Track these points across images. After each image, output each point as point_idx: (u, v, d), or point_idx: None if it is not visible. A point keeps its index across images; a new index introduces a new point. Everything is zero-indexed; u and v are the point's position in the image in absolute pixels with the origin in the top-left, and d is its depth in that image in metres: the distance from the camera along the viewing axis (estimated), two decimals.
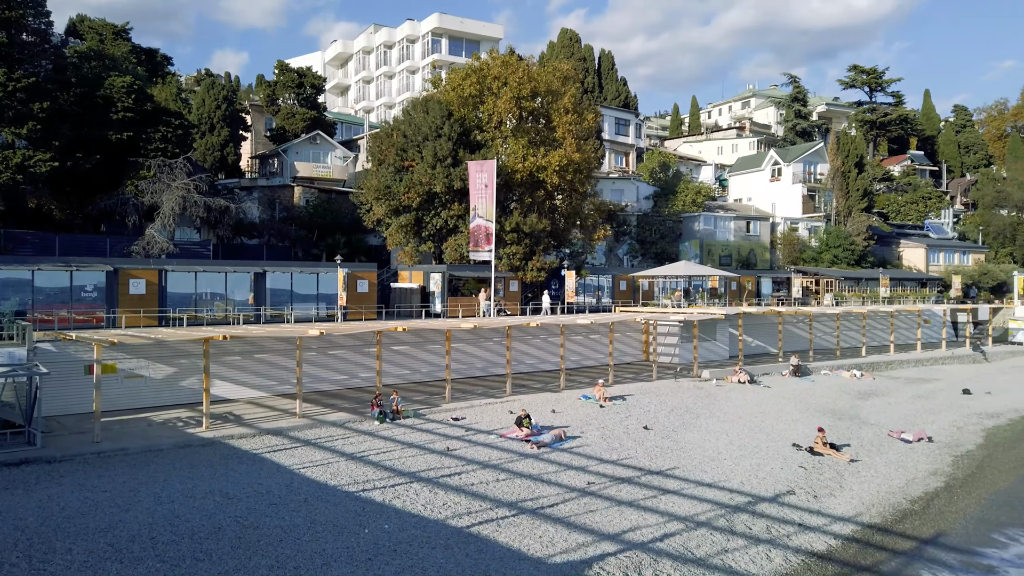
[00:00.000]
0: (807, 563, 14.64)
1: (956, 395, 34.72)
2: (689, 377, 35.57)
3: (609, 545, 14.53)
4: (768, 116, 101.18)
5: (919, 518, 18.09)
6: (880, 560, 15.49)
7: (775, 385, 34.62)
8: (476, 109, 42.77)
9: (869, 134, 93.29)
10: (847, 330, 48.59)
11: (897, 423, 27.74)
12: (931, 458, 23.18)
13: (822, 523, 16.72)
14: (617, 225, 56.09)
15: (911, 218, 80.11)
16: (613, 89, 78.01)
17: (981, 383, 38.19)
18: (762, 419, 27.12)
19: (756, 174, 73.40)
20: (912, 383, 38.03)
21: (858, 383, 36.86)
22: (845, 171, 67.97)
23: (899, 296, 58.98)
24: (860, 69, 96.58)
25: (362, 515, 15.68)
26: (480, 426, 24.31)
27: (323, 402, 27.31)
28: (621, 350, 40.21)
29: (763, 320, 44.27)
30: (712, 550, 14.69)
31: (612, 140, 68.68)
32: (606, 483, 18.53)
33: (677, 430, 24.77)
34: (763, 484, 19.14)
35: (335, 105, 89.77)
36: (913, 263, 70.70)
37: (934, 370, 43.39)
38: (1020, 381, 39.98)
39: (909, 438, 25.25)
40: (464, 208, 40.06)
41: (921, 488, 20.16)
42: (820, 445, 22.67)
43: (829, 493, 18.92)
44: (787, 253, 63.88)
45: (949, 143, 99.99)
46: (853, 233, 65.23)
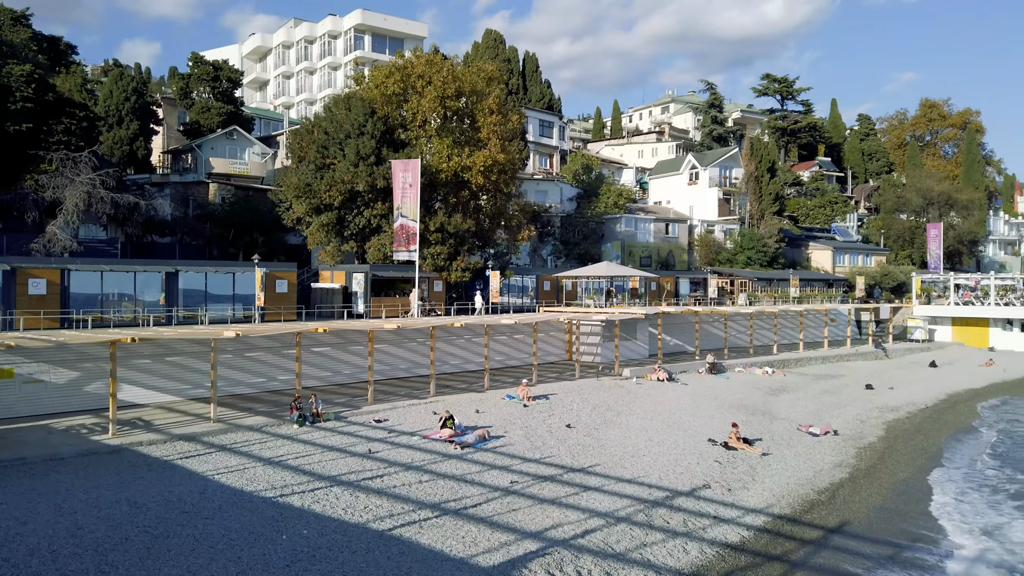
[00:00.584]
0: (721, 554, 15.11)
1: (860, 390, 36.57)
2: (611, 375, 36.21)
3: (531, 543, 14.63)
4: (686, 121, 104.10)
5: (825, 508, 18.94)
6: (789, 549, 16.14)
7: (692, 382, 35.63)
8: (400, 107, 42.36)
9: (781, 140, 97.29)
10: (760, 329, 50.51)
11: (806, 417, 28.99)
12: (837, 450, 24.33)
13: (736, 515, 17.30)
14: (541, 226, 56.62)
15: (819, 221, 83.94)
16: (537, 91, 78.70)
17: (883, 378, 40.37)
18: (680, 416, 27.87)
19: (675, 178, 75.47)
20: (820, 379, 39.84)
21: (770, 380, 38.35)
22: (758, 176, 70.67)
23: (808, 296, 61.75)
24: (772, 78, 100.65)
25: (280, 521, 15.27)
26: (403, 428, 24.07)
27: (239, 406, 26.47)
28: (545, 350, 40.59)
29: (681, 319, 45.52)
30: (631, 544, 14.99)
31: (536, 142, 69.27)
32: (529, 482, 18.65)
33: (599, 428, 25.17)
34: (680, 479, 19.66)
35: (253, 100, 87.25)
36: (821, 264, 74.14)
37: (840, 366, 45.61)
38: (917, 377, 42.47)
39: (817, 432, 26.43)
40: (388, 207, 39.61)
41: (827, 479, 21.11)
42: (734, 440, 23.47)
43: (742, 486, 19.59)
44: (704, 254, 65.93)
45: (854, 150, 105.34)
46: (766, 235, 67.88)
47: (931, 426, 30.59)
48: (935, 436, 29.00)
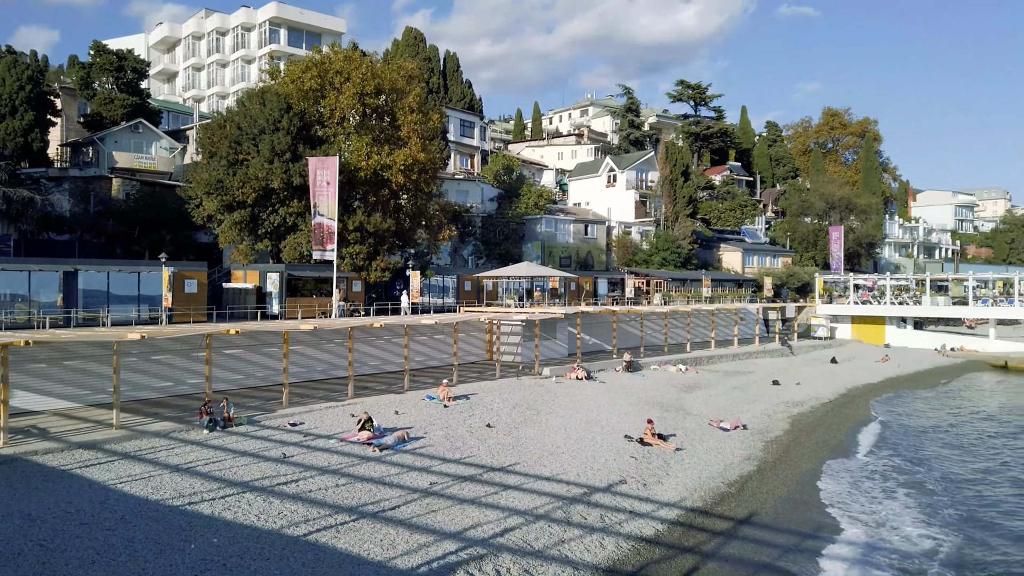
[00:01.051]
0: (637, 548, 15.47)
1: (767, 386, 38.13)
2: (531, 375, 36.51)
3: (451, 544, 14.58)
4: (605, 125, 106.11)
5: (735, 500, 19.65)
6: (702, 541, 16.67)
7: (610, 380, 36.33)
8: (317, 104, 41.48)
9: (694, 145, 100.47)
10: (674, 327, 51.97)
11: (717, 413, 30.01)
12: (745, 444, 25.28)
13: (650, 509, 17.74)
14: (462, 226, 56.55)
15: (730, 224, 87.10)
16: (458, 91, 78.58)
17: (788, 375, 42.23)
18: (598, 413, 28.36)
19: (594, 180, 76.78)
20: (730, 376, 41.33)
21: (683, 377, 39.52)
22: (673, 179, 72.73)
23: (719, 296, 63.97)
24: (686, 84, 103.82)
25: (188, 530, 14.69)
26: (320, 431, 23.57)
27: (145, 411, 25.30)
28: (466, 350, 40.54)
29: (599, 319, 46.35)
30: (550, 541, 15.15)
31: (457, 141, 69.15)
32: (449, 482, 18.58)
33: (519, 427, 25.33)
34: (598, 475, 20.01)
35: (161, 92, 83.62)
36: (731, 265, 76.94)
37: (749, 363, 47.44)
38: (820, 372, 44.63)
39: (727, 426, 27.40)
40: (304, 205, 38.72)
41: (737, 472, 21.92)
42: (649, 436, 24.06)
43: (657, 481, 20.11)
44: (621, 255, 67.34)
45: (762, 156, 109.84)
46: (680, 237, 69.94)
47: (832, 419, 32.20)
48: (836, 429, 30.55)
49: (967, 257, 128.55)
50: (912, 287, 68.16)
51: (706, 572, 15.21)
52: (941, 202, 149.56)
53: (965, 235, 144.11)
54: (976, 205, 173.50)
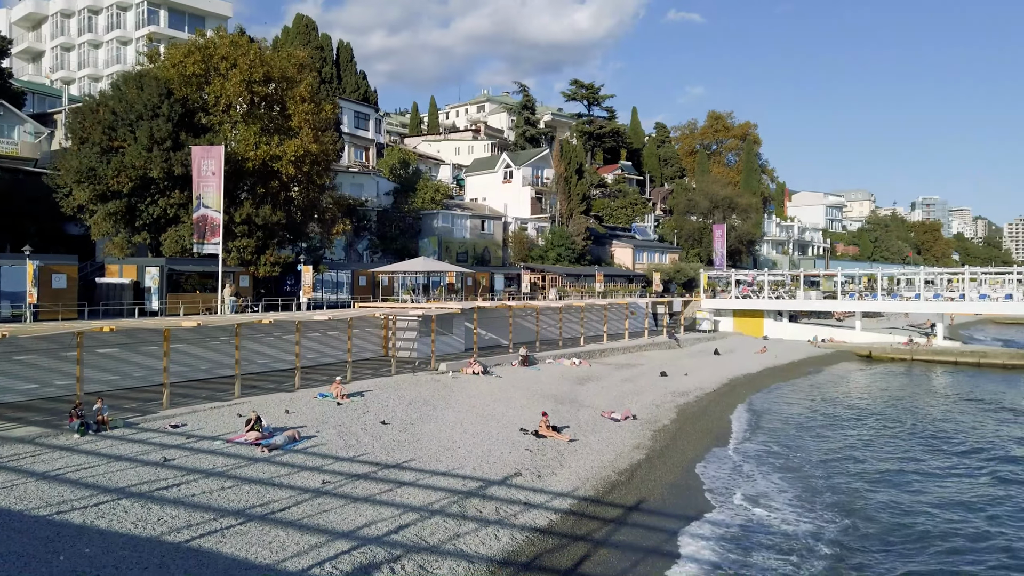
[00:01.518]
0: (531, 539, 15.69)
1: (656, 377, 39.56)
2: (427, 370, 36.30)
3: (344, 543, 14.30)
4: (501, 121, 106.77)
5: (625, 488, 20.29)
6: (593, 528, 17.11)
7: (506, 375, 36.65)
8: (201, 90, 39.49)
9: (588, 144, 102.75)
10: (568, 322, 53.04)
11: (609, 404, 30.87)
12: (635, 434, 26.14)
13: (544, 500, 18.04)
14: (357, 220, 55.42)
15: (622, 221, 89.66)
16: (352, 82, 76.93)
17: (676, 366, 43.97)
18: (494, 407, 28.56)
19: (490, 176, 77.12)
20: (621, 368, 42.61)
21: (577, 370, 40.41)
22: (567, 177, 74.10)
23: (611, 291, 65.77)
24: (580, 84, 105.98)
25: (56, 541, 13.69)
26: (204, 432, 22.53)
27: (6, 416, 23.38)
28: (360, 346, 39.83)
29: (496, 314, 46.65)
30: (445, 536, 15.13)
31: (352, 134, 67.71)
32: (342, 481, 18.21)
33: (415, 423, 25.14)
34: (493, 469, 20.16)
35: (25, 72, 77.25)
36: (623, 261, 79.27)
37: (639, 356, 49.07)
38: (705, 364, 46.72)
39: (618, 417, 28.24)
40: (187, 196, 36.82)
41: (627, 461, 22.63)
42: (544, 428, 24.45)
43: (551, 472, 20.48)
44: (518, 251, 68.01)
45: (652, 156, 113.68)
46: (574, 234, 71.38)
47: (715, 408, 33.81)
48: (719, 417, 32.11)
49: (836, 254, 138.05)
50: (788, 283, 72.48)
51: (597, 559, 15.62)
52: (814, 203, 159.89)
53: (835, 234, 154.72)
54: (845, 206, 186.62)
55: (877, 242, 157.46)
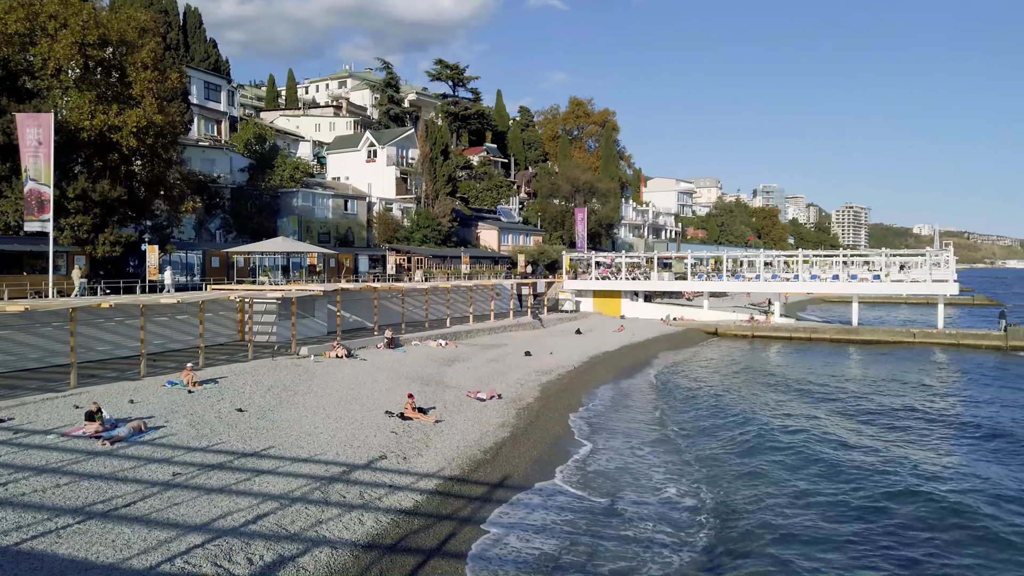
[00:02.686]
0: (396, 521, 15.60)
1: (520, 357, 40.34)
2: (287, 355, 35.03)
3: (196, 536, 13.58)
4: (364, 98, 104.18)
5: (490, 466, 20.60)
6: (459, 507, 17.27)
7: (371, 358, 36.08)
8: (25, 51, 35.69)
9: (453, 125, 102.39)
10: (435, 303, 52.92)
11: (475, 384, 31.16)
12: (500, 413, 26.57)
13: (410, 482, 17.98)
14: (209, 198, 52.32)
15: (487, 203, 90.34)
16: (201, 50, 72.29)
17: (539, 345, 45.02)
18: (358, 390, 28.06)
19: (353, 154, 75.18)
20: (487, 349, 43.11)
21: (443, 351, 40.45)
22: (433, 158, 73.60)
23: (477, 272, 66.23)
24: (444, 64, 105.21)
25: None
26: (35, 426, 20.58)
27: None
28: (214, 331, 37.80)
29: (360, 296, 45.74)
30: (307, 523, 14.73)
31: (201, 105, 63.68)
32: (195, 472, 17.26)
33: (274, 409, 24.23)
34: (358, 453, 19.83)
35: None
36: (489, 243, 80.00)
37: (504, 336, 49.83)
38: (567, 343, 48.15)
39: (484, 396, 28.58)
40: (11, 168, 33.26)
41: (492, 440, 22.97)
42: (410, 410, 24.33)
43: (417, 453, 20.42)
44: (382, 232, 66.92)
45: (516, 139, 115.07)
46: (440, 215, 71.13)
47: (577, 385, 34.98)
48: (580, 394, 33.26)
49: (687, 238, 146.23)
50: (643, 264, 75.98)
51: (463, 536, 15.79)
52: (667, 189, 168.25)
53: (686, 218, 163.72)
54: (695, 192, 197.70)
55: (723, 226, 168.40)
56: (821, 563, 15.45)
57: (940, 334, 54.85)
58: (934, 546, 16.50)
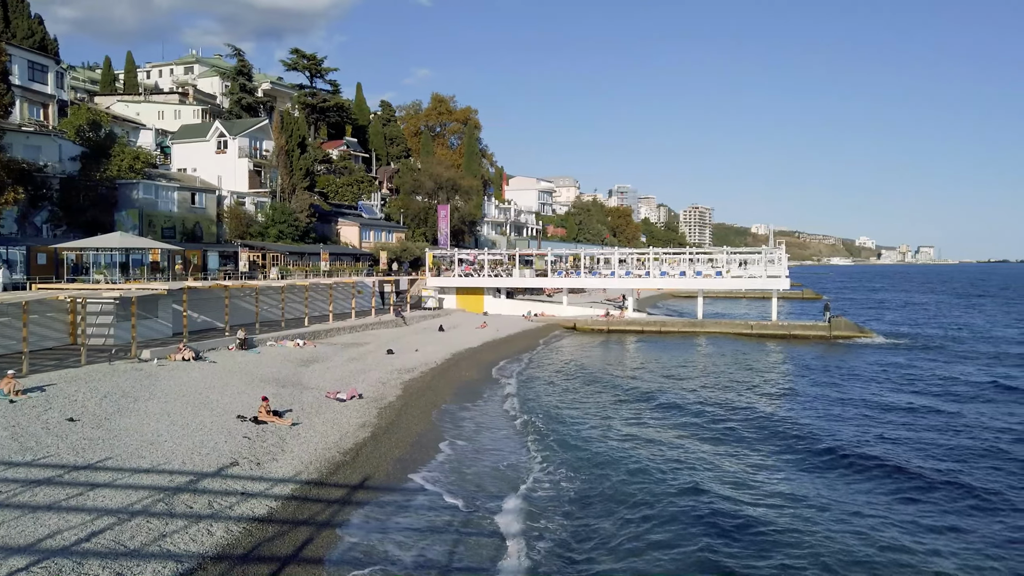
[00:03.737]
0: (249, 529, 14.92)
1: (382, 355, 39.77)
2: (127, 359, 32.55)
3: (20, 559, 12.34)
4: (213, 86, 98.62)
5: (350, 467, 20.18)
6: (317, 511, 16.78)
7: (222, 360, 34.29)
8: None
9: (311, 117, 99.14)
10: (292, 302, 51.06)
11: (334, 385, 30.38)
12: (361, 413, 26.08)
13: (264, 488, 17.25)
14: (34, 188, 47.56)
15: (348, 199, 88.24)
16: (25, 27, 65.60)
17: (402, 343, 44.59)
18: (208, 394, 26.57)
19: (202, 144, 70.93)
20: (348, 348, 42.15)
21: (301, 351, 39.13)
22: (289, 150, 70.87)
23: (338, 269, 64.58)
24: (301, 54, 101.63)
25: None
26: None
27: None
28: (40, 334, 34.44)
29: (210, 295, 43.31)
30: (149, 538, 13.78)
31: (25, 87, 57.80)
32: (17, 489, 15.67)
33: (111, 417, 22.44)
34: (207, 460, 18.78)
35: None
36: (349, 240, 78.17)
37: (365, 335, 48.93)
38: (430, 340, 48.00)
39: (344, 397, 27.93)
40: None
41: (352, 440, 22.50)
42: (264, 414, 23.34)
43: (272, 458, 19.64)
44: (235, 227, 63.65)
45: (377, 134, 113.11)
46: (297, 210, 68.65)
47: (440, 382, 34.96)
48: (443, 391, 33.26)
49: (547, 235, 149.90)
50: (505, 261, 77.09)
51: (321, 541, 15.37)
52: (528, 187, 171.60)
53: (546, 217, 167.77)
54: (554, 191, 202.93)
55: (581, 225, 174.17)
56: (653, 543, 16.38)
57: (774, 326, 59.56)
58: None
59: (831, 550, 15.80)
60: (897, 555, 15.60)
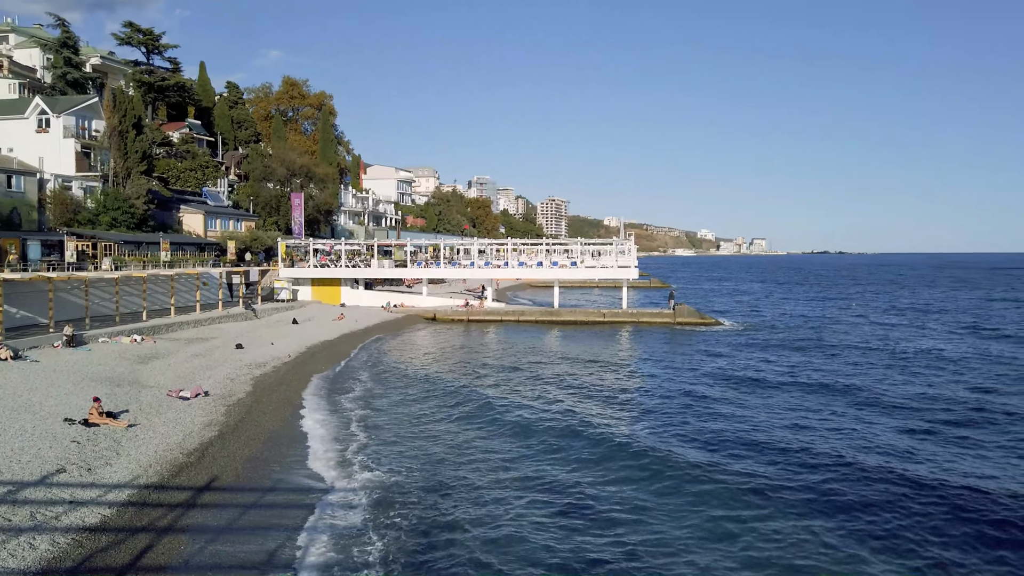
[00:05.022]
0: (79, 540, 13.74)
1: (231, 350, 37.82)
2: None
3: None
4: (33, 58, 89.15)
5: (195, 469, 19.05)
6: (157, 517, 15.72)
7: (46, 359, 31.28)
8: None
9: (148, 96, 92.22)
10: (128, 295, 47.37)
11: (176, 382, 28.56)
12: (207, 411, 24.68)
13: (96, 495, 15.94)
14: None
15: (191, 185, 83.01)
16: None
17: (253, 337, 42.63)
18: (29, 397, 24.16)
19: (19, 122, 64.05)
20: (192, 343, 39.74)
21: (139, 348, 36.48)
22: (123, 131, 65.56)
23: (180, 260, 60.63)
24: (136, 27, 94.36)
25: None
26: None
27: None
28: None
29: (31, 288, 39.33)
30: None
31: None
32: None
33: None
34: (28, 468, 17.08)
35: None
36: (193, 228, 73.60)
37: (212, 329, 46.32)
38: (283, 333, 46.21)
39: (187, 395, 26.31)
40: None
41: (197, 440, 21.25)
42: (96, 415, 21.54)
43: (105, 463, 18.18)
44: (59, 214, 58.09)
45: (224, 117, 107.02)
46: (133, 196, 63.74)
47: (293, 377, 33.76)
48: (296, 386, 32.15)
49: (407, 226, 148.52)
50: (364, 252, 75.50)
51: (162, 547, 14.42)
52: (387, 176, 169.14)
53: (405, 207, 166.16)
54: (414, 181, 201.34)
55: (441, 215, 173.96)
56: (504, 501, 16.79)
57: (624, 313, 62.39)
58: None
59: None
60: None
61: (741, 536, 16.09)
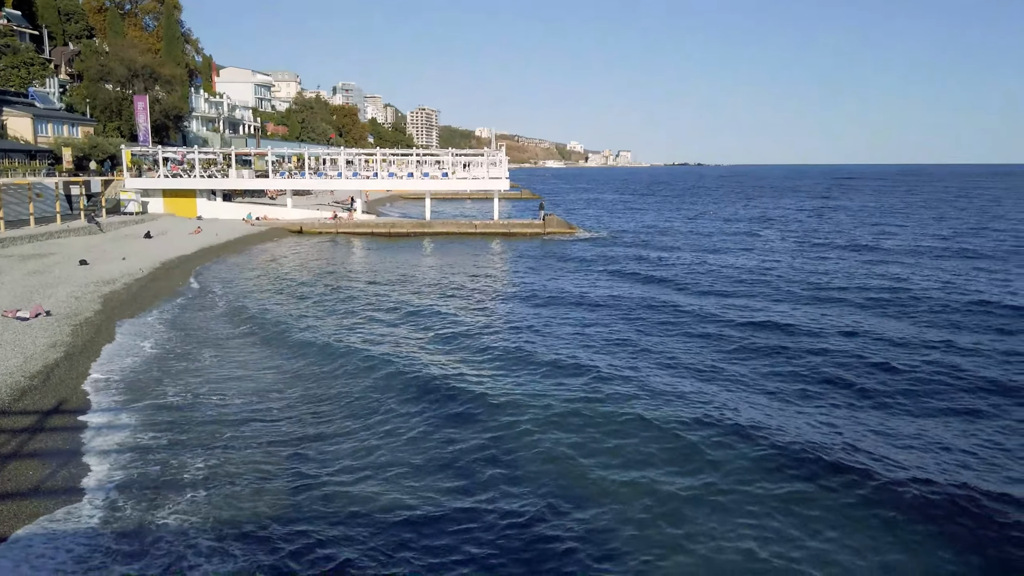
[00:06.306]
0: None
1: (74, 267, 35.02)
2: None
3: None
4: None
5: (40, 392, 17.85)
6: (1, 443, 14.71)
7: None
8: None
9: None
10: None
11: (13, 302, 26.25)
12: (50, 331, 22.95)
13: None
14: None
15: (15, 85, 74.14)
16: None
17: (99, 253, 39.60)
18: None
19: None
20: (27, 259, 36.45)
21: None
22: None
23: (7, 168, 54.67)
24: None
25: None
26: None
27: None
28: None
29: None
30: None
31: None
32: None
33: None
34: None
35: None
36: (20, 133, 66.24)
37: (50, 244, 42.57)
38: (134, 249, 43.17)
39: (26, 315, 24.29)
40: None
41: (40, 363, 19.79)
42: None
43: None
44: None
45: (49, 7, 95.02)
46: None
47: (146, 293, 31.87)
48: (150, 303, 30.44)
49: (267, 134, 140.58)
50: (220, 161, 70.93)
51: (7, 475, 13.57)
52: (243, 80, 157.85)
53: (265, 113, 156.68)
54: (273, 86, 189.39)
55: (304, 123, 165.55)
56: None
57: (496, 224, 62.87)
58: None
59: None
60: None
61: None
